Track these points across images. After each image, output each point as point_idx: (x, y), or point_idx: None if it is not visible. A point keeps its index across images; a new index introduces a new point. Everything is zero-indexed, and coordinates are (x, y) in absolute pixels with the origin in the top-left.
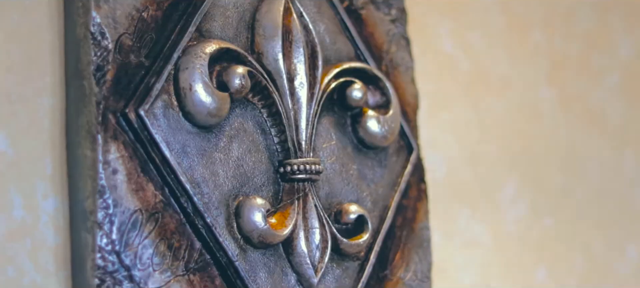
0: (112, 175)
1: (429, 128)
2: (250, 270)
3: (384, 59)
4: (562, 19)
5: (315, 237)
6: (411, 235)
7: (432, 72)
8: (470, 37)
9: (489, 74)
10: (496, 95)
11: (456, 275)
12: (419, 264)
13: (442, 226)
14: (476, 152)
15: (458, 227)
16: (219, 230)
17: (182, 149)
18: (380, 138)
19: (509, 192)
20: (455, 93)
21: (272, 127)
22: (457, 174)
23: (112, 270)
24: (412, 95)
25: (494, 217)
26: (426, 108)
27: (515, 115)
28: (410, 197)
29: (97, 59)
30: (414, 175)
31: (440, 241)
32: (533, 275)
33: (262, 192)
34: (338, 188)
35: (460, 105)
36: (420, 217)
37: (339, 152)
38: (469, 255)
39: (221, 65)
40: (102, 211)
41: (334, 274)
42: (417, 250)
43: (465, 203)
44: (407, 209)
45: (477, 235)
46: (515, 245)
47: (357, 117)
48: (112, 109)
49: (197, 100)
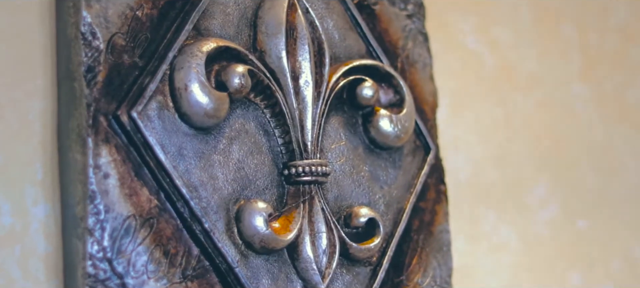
0: (103, 179)
1: (452, 127)
2: (252, 276)
3: (399, 56)
4: (596, 12)
5: (322, 242)
6: (429, 239)
7: (455, 70)
8: (496, 33)
9: (516, 70)
10: (524, 92)
11: (482, 281)
12: (438, 269)
13: (467, 229)
14: (503, 151)
15: (484, 230)
16: (218, 236)
17: (178, 152)
18: (393, 138)
19: (540, 193)
20: (480, 91)
21: (275, 128)
22: (482, 175)
23: (104, 278)
24: (430, 93)
25: (523, 220)
26: (448, 107)
27: (545, 113)
28: (428, 199)
29: (88, 59)
30: (432, 177)
31: (464, 245)
32: (566, 281)
33: (265, 195)
34: (348, 191)
35: (485, 104)
36: (439, 219)
37: (349, 153)
38: (496, 259)
39: (220, 64)
40: (93, 217)
41: (343, 280)
42: (436, 254)
43: (492, 205)
44: (424, 212)
45: (505, 238)
46: (547, 249)
47: (368, 116)
48: (104, 111)
49: (193, 100)
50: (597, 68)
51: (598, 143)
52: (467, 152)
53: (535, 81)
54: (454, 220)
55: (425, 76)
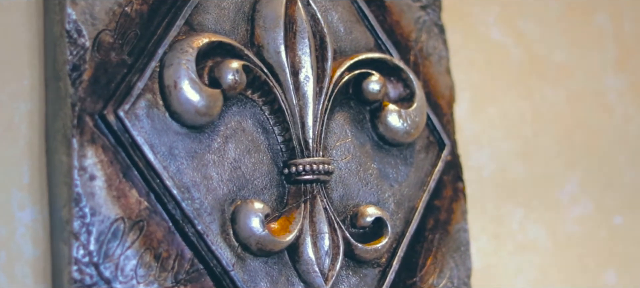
0: (89, 181)
1: (474, 122)
2: (250, 280)
3: (412, 49)
4: (631, 0)
5: (324, 243)
6: (446, 239)
7: (477, 62)
8: (521, 23)
9: (544, 62)
10: (553, 84)
11: (508, 282)
12: (455, 270)
13: (491, 228)
14: (530, 147)
15: (510, 229)
16: (212, 238)
17: (169, 152)
18: (402, 134)
19: (571, 189)
20: (505, 84)
21: (275, 125)
22: (508, 171)
23: (90, 284)
24: (446, 86)
25: (553, 217)
26: (470, 101)
27: (577, 106)
28: (444, 197)
29: (73, 58)
30: (449, 173)
31: (487, 245)
32: (601, 280)
33: (263, 195)
34: (354, 190)
35: (510, 97)
36: (456, 218)
37: (355, 150)
38: (523, 259)
39: (214, 60)
40: (78, 220)
41: (349, 282)
42: (453, 254)
43: (519, 202)
44: (440, 210)
45: (533, 237)
46: (579, 247)
47: (376, 111)
48: (90, 111)
49: (183, 98)
50: (633, 58)
51: (634, 136)
52: (491, 148)
53: (566, 72)
54: (476, 219)
55: (440, 69)
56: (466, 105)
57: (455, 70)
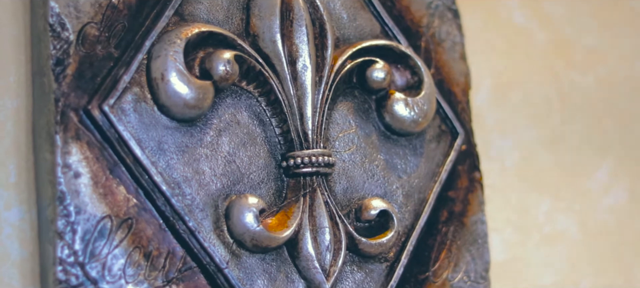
0: (73, 179)
1: (496, 110)
2: (245, 277)
3: (423, 35)
4: None
5: (324, 237)
6: (461, 231)
7: (499, 48)
8: (547, 6)
9: (572, 46)
10: (582, 69)
11: (535, 274)
12: (472, 263)
13: (515, 219)
14: (557, 134)
15: (537, 220)
16: (205, 235)
17: (158, 147)
18: (409, 123)
19: (602, 177)
20: (529, 69)
21: (272, 117)
22: (533, 160)
23: (76, 284)
24: (461, 73)
25: (583, 207)
26: (492, 88)
27: (608, 92)
28: (459, 188)
29: (57, 52)
30: (463, 163)
31: (512, 237)
32: (635, 272)
33: (260, 189)
34: (359, 182)
35: (536, 83)
36: (472, 210)
37: (360, 141)
38: (551, 251)
39: (205, 51)
40: (63, 219)
41: (353, 278)
42: (470, 247)
43: (546, 192)
44: (454, 202)
45: (562, 227)
46: (612, 238)
47: (382, 100)
48: (74, 106)
49: (171, 91)
50: None
51: None
52: (515, 136)
53: (596, 57)
54: (499, 210)
55: (454, 56)
56: (487, 92)
57: (475, 57)
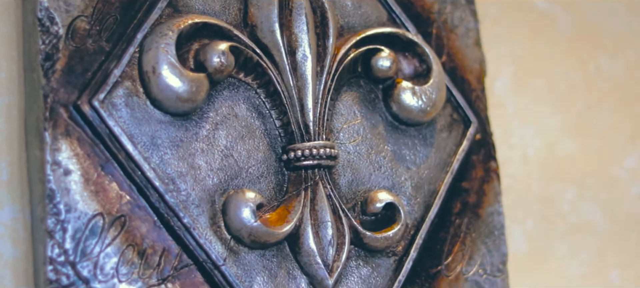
0: (63, 176)
1: (517, 97)
2: (244, 274)
3: (434, 22)
4: None
5: (327, 232)
6: (476, 223)
7: (520, 33)
8: None
9: (598, 30)
10: (610, 53)
11: (560, 266)
12: (488, 256)
13: (538, 210)
14: (583, 121)
15: (561, 210)
16: (201, 231)
17: (151, 142)
18: (417, 112)
19: (631, 165)
20: (553, 55)
21: (272, 109)
22: (557, 148)
23: (67, 284)
24: (475, 60)
25: (611, 196)
26: (513, 75)
27: (637, 76)
28: (473, 178)
29: (46, 47)
30: (478, 153)
31: (536, 228)
32: None
33: (260, 183)
34: (365, 174)
35: (559, 69)
36: (488, 201)
37: (365, 132)
38: (577, 241)
39: (200, 43)
40: (52, 218)
41: (359, 274)
42: (485, 239)
43: (571, 181)
44: (468, 193)
45: (588, 217)
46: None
47: (388, 90)
48: (64, 102)
49: (163, 84)
50: None
51: None
52: (538, 124)
53: (624, 41)
54: (520, 201)
55: (468, 42)
56: (508, 79)
57: (495, 43)
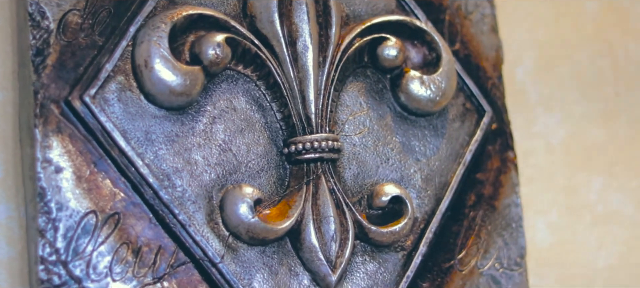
0: (54, 174)
1: (541, 84)
2: (243, 271)
3: (447, 8)
4: None
5: (329, 227)
6: (492, 215)
7: (544, 18)
8: None
9: (626, 14)
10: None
11: (586, 258)
12: (505, 249)
13: (562, 200)
14: (612, 107)
15: (588, 200)
16: (197, 228)
17: (145, 137)
18: (426, 102)
19: None
20: (578, 40)
21: (272, 102)
22: (583, 136)
23: (59, 284)
24: (492, 47)
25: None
26: (536, 61)
27: None
28: (489, 169)
29: (36, 42)
30: (494, 143)
31: (561, 219)
32: None
33: (260, 178)
34: (371, 167)
35: (586, 55)
36: (505, 192)
37: (372, 124)
38: (605, 232)
39: (196, 35)
40: (43, 216)
41: (365, 269)
42: (502, 232)
43: (597, 170)
44: (483, 184)
45: (617, 207)
46: None
47: (396, 79)
48: (54, 98)
49: (155, 78)
50: None
51: None
52: (563, 111)
53: None
54: (544, 191)
55: (484, 28)
56: (531, 65)
57: (516, 27)
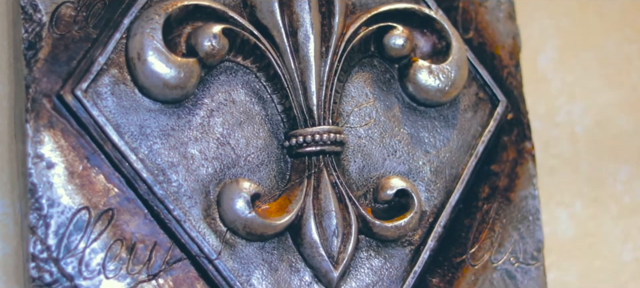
0: (45, 170)
1: (564, 72)
2: (241, 268)
3: None
4: None
5: (331, 222)
6: (507, 208)
7: (568, 4)
8: None
9: None
10: None
11: (612, 251)
12: (520, 243)
13: (587, 191)
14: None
15: (614, 190)
16: (193, 224)
17: (140, 131)
18: (434, 92)
19: None
20: (604, 26)
21: (273, 94)
22: (609, 125)
23: (50, 281)
24: (508, 34)
25: None
26: (559, 48)
27: None
28: (504, 160)
29: (29, 35)
30: (510, 134)
31: (585, 210)
32: None
33: (259, 172)
34: (378, 160)
35: (612, 41)
36: (521, 184)
37: (379, 115)
38: (631, 224)
39: (193, 26)
40: (35, 213)
41: (370, 265)
42: (518, 225)
43: (624, 159)
44: (498, 176)
45: None
46: None
47: (404, 69)
48: (46, 92)
49: (149, 71)
50: None
51: None
52: (587, 100)
53: None
54: (567, 182)
55: (499, 15)
56: (553, 53)
57: (537, 15)
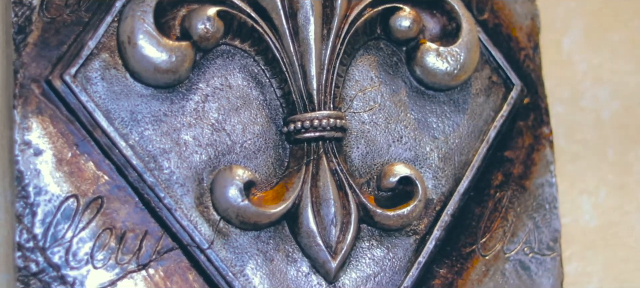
0: (33, 157)
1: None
2: (234, 258)
3: None
4: None
5: (329, 210)
6: (521, 196)
7: None
8: None
9: None
10: None
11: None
12: (535, 232)
13: (612, 179)
14: None
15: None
16: (184, 212)
17: (131, 117)
18: (442, 75)
19: None
20: (631, 6)
21: (272, 78)
22: (638, 109)
23: (36, 271)
24: (526, 15)
25: None
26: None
27: None
28: (519, 146)
29: (18, 19)
30: (526, 119)
31: (610, 199)
32: None
33: (256, 159)
34: (382, 146)
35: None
36: (537, 171)
37: (384, 100)
38: None
39: (188, 8)
40: (21, 201)
41: (372, 255)
42: (533, 214)
43: None
44: (512, 163)
45: None
46: None
47: (411, 52)
48: (35, 78)
49: (139, 55)
50: None
51: None
52: (614, 84)
53: None
54: (591, 169)
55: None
56: (578, 35)
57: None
